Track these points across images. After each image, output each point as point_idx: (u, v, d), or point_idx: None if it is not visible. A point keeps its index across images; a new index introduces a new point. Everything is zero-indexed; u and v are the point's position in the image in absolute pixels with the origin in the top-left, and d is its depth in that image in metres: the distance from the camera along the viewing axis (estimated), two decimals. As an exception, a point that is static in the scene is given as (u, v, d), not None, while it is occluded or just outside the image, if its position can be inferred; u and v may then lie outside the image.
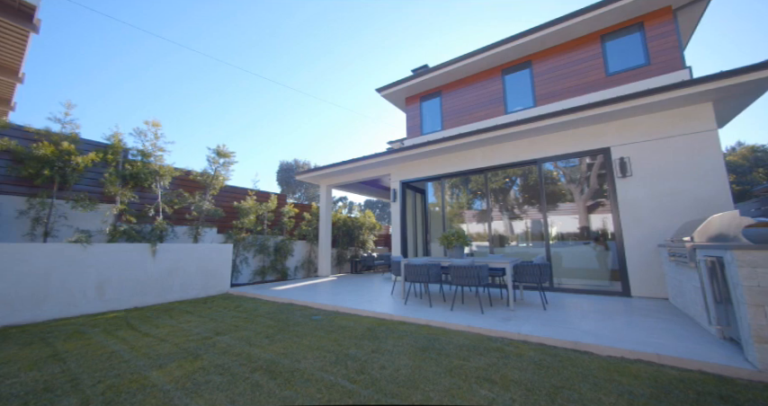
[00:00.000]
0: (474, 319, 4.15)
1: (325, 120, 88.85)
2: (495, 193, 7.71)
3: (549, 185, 6.77)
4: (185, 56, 66.07)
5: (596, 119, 5.90)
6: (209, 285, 7.02)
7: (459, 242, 5.53)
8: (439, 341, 3.41)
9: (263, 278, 9.05)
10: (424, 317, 4.30)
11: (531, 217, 7.27)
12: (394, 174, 8.95)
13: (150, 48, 54.37)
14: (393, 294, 6.27)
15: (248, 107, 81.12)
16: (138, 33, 51.55)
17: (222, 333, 3.88)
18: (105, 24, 47.48)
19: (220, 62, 49.65)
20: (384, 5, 51.48)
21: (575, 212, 6.61)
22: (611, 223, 6.02)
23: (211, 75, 79.18)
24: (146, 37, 53.91)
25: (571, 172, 6.71)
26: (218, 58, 37.61)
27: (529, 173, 7.42)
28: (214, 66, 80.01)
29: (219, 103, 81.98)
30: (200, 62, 78.43)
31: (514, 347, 3.20)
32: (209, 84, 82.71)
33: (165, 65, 69.86)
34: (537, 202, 6.99)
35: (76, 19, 46.75)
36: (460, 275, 4.68)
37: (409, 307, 4.97)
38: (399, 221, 8.67)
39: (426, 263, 5.14)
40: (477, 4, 59.29)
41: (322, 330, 3.94)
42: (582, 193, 6.59)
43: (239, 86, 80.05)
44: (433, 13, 63.83)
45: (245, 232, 8.74)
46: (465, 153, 7.71)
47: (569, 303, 5.11)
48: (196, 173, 7.68)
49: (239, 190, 9.13)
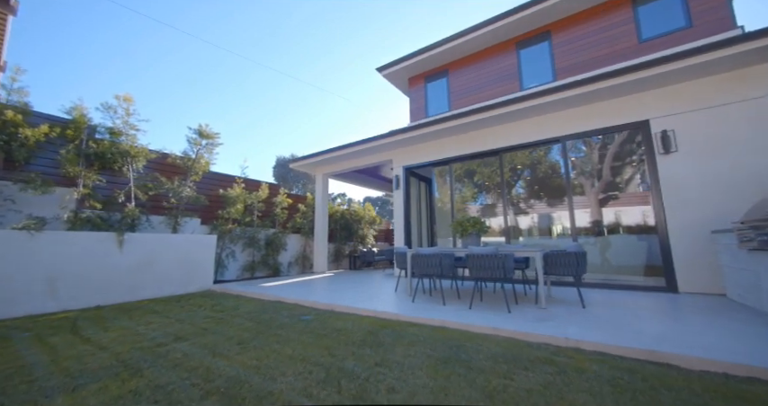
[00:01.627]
0: (501, 319, 3.33)
1: (326, 120, 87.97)
2: (506, 185, 6.88)
3: (555, 178, 5.95)
4: (185, 56, 65.26)
5: (632, 88, 5.08)
6: (189, 281, 6.19)
7: (475, 228, 4.71)
8: (463, 349, 2.59)
9: (253, 274, 8.22)
10: (438, 317, 3.49)
11: (547, 209, 6.45)
12: (396, 159, 8.13)
13: (150, 48, 53.46)
14: (397, 291, 5.45)
15: (248, 107, 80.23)
16: (139, 33, 50.70)
17: (183, 338, 3.05)
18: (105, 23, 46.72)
19: (231, 53, 48.66)
20: (383, 5, 50.59)
21: (601, 202, 5.80)
22: (631, 213, 5.21)
23: (211, 76, 78.17)
24: (146, 36, 53.06)
25: (588, 158, 5.89)
26: (228, 50, 36.65)
27: (538, 163, 6.62)
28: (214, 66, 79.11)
29: (219, 103, 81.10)
30: (201, 62, 77.49)
31: (567, 357, 2.38)
32: (209, 84, 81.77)
33: (164, 65, 69.13)
34: (547, 194, 6.18)
35: (78, 19, 45.95)
36: (481, 266, 3.86)
37: (418, 305, 4.15)
38: (403, 210, 7.84)
39: (438, 253, 4.32)
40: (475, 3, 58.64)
41: (311, 334, 3.12)
42: (612, 178, 5.78)
43: (239, 86, 79.02)
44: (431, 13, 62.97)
45: (232, 223, 7.90)
46: (476, 133, 6.88)
47: (609, 300, 4.30)
48: (175, 157, 6.84)
49: (226, 177, 8.29)
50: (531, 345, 2.68)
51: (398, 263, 5.52)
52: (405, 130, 7.21)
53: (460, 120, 6.43)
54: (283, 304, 4.70)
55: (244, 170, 8.35)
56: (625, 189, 5.76)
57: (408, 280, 5.03)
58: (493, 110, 6.03)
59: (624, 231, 5.59)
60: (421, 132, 7.02)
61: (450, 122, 6.58)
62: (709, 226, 4.50)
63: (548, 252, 4.10)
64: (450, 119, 6.54)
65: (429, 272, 4.38)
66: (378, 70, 9.40)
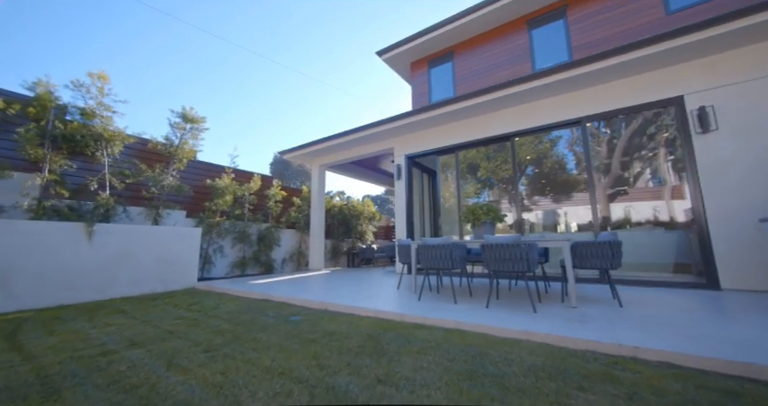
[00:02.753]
0: (529, 321, 2.76)
1: (327, 119, 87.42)
2: (505, 181, 6.32)
3: (564, 170, 5.39)
4: (185, 56, 64.60)
5: (664, 59, 4.52)
6: (170, 278, 5.61)
7: (489, 216, 4.14)
8: (490, 359, 2.02)
9: (243, 271, 7.64)
10: (452, 317, 2.91)
11: (561, 202, 5.89)
12: (398, 148, 7.55)
13: (150, 48, 52.89)
14: (400, 288, 4.88)
15: (249, 107, 79.64)
16: (139, 33, 50.10)
17: (140, 344, 2.47)
18: (105, 23, 46.00)
19: (239, 48, 48.24)
20: (382, 5, 49.87)
21: (610, 197, 5.24)
22: (654, 205, 4.66)
23: (210, 76, 77.56)
24: (147, 36, 52.45)
25: (606, 143, 5.32)
26: (236, 44, 36.56)
27: (544, 157, 6.08)
28: (213, 66, 78.55)
29: (219, 103, 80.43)
30: (200, 62, 76.85)
31: (630, 370, 1.81)
32: (209, 84, 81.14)
33: (164, 64, 68.44)
34: (560, 185, 5.62)
35: (77, 19, 45.28)
36: (500, 257, 3.29)
37: (425, 304, 3.58)
38: (405, 201, 7.27)
39: (447, 244, 3.74)
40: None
41: (298, 339, 2.55)
42: (625, 168, 5.22)
43: (239, 86, 78.40)
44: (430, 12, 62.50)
45: (220, 216, 7.32)
46: (485, 117, 6.31)
47: (645, 298, 3.73)
48: (156, 142, 6.25)
49: (214, 167, 7.71)
50: (574, 353, 2.10)
51: (401, 257, 4.96)
52: (407, 115, 6.64)
53: (468, 102, 5.86)
54: (271, 303, 4.12)
55: (234, 159, 7.78)
56: (645, 179, 5.20)
57: (413, 276, 4.46)
58: (504, 90, 5.46)
59: (650, 223, 5.03)
60: (425, 116, 6.45)
61: (457, 104, 6.01)
62: (756, 214, 3.93)
63: (577, 242, 3.53)
64: (456, 100, 5.97)
65: (437, 266, 3.81)
66: (378, 54, 8.83)
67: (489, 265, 3.40)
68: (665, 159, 5.03)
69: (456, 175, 6.86)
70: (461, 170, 7.12)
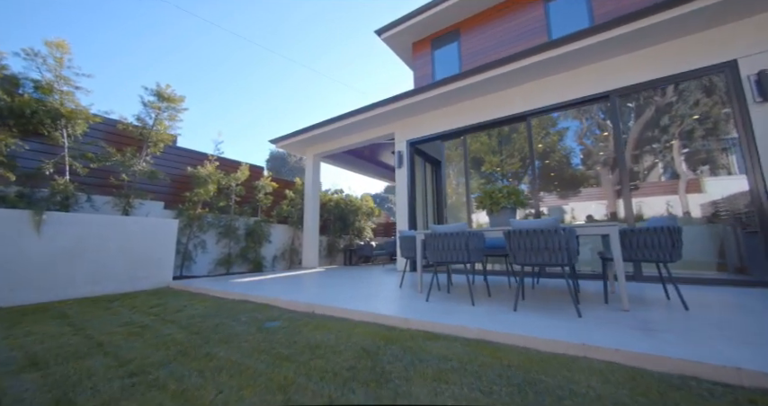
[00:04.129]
0: (579, 329, 2.06)
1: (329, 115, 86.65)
2: (512, 176, 5.63)
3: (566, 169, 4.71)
4: (185, 56, 63.95)
5: (713, 17, 3.84)
6: (140, 275, 4.91)
7: (510, 201, 3.44)
8: (546, 389, 1.33)
9: (228, 269, 6.92)
10: (474, 323, 2.21)
11: (573, 197, 5.21)
12: (399, 133, 6.86)
13: (150, 48, 52.27)
14: (403, 287, 4.18)
15: (249, 106, 78.93)
16: (139, 33, 49.53)
17: (40, 365, 1.77)
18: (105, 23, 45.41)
19: (249, 42, 47.98)
20: (381, 5, 49.26)
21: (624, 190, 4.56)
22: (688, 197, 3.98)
23: (210, 75, 76.90)
24: (147, 36, 51.84)
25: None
26: (246, 39, 36.28)
27: (551, 152, 5.44)
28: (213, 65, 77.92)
29: (219, 103, 79.79)
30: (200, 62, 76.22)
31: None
32: (209, 84, 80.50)
33: (164, 64, 67.79)
34: (563, 183, 4.95)
35: (77, 19, 44.63)
36: (533, 247, 2.59)
37: (436, 306, 2.88)
38: (407, 191, 6.57)
39: (463, 231, 3.04)
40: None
41: (266, 356, 1.85)
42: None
43: (240, 84, 77.74)
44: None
45: (203, 207, 6.61)
46: (497, 95, 5.63)
47: (707, 299, 3.04)
48: (127, 123, 5.54)
49: (195, 154, 6.99)
50: (662, 378, 1.41)
51: (404, 251, 4.26)
52: (409, 94, 5.95)
53: (478, 76, 5.17)
54: (248, 305, 3.42)
55: (218, 145, 7.05)
56: (677, 166, 4.52)
57: (419, 273, 3.76)
58: (520, 61, 4.78)
59: (690, 216, 4.35)
60: (429, 95, 5.76)
61: (465, 80, 5.32)
62: (834, 196, 3.25)
63: (627, 228, 2.83)
64: (465, 76, 5.28)
65: (449, 259, 3.11)
66: (377, 33, 8.12)
67: (516, 257, 2.71)
68: (710, 140, 4.34)
69: (464, 162, 6.16)
70: (460, 169, 6.48)
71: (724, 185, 4.13)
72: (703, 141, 4.33)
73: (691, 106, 4.42)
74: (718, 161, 4.28)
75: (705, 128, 4.32)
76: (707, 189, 4.30)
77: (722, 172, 4.28)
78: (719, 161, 4.27)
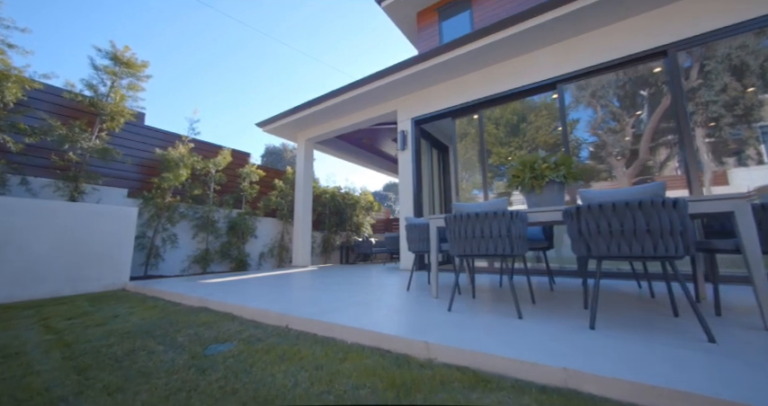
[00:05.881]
0: (729, 369, 1.14)
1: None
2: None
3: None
4: (185, 55, 62.96)
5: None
6: (85, 276, 3.97)
7: (557, 173, 2.52)
8: None
9: (205, 267, 5.98)
10: (548, 359, 1.29)
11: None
12: (402, 110, 5.94)
13: (150, 47, 51.44)
14: (411, 290, 3.26)
15: (250, 105, 77.94)
16: (140, 32, 48.59)
17: None
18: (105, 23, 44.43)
19: (262, 34, 47.16)
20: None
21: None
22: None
23: (210, 74, 75.85)
24: (148, 36, 50.75)
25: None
26: (260, 31, 35.27)
27: (560, 145, 4.50)
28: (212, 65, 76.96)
29: (220, 102, 78.87)
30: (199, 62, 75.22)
31: None
32: (209, 84, 79.54)
33: (165, 64, 66.75)
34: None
35: (74, 20, 43.54)
36: (624, 229, 1.66)
37: (464, 319, 1.95)
38: (412, 175, 5.66)
39: (502, 212, 2.11)
40: None
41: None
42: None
43: (240, 84, 76.79)
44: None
45: (173, 196, 5.66)
46: (519, 60, 4.71)
47: None
48: (76, 93, 4.59)
49: (167, 135, 6.03)
50: None
51: (412, 244, 3.33)
52: (414, 61, 5.03)
53: (499, 34, 4.26)
54: (202, 316, 2.49)
55: (193, 124, 6.08)
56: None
57: (433, 272, 2.84)
58: (553, 10, 3.87)
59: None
60: (438, 61, 4.84)
61: (482, 40, 4.41)
62: None
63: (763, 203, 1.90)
64: (480, 34, 4.37)
65: (484, 250, 2.17)
66: (377, 1, 7.19)
67: (593, 246, 1.78)
68: None
69: (480, 141, 5.23)
70: (468, 159, 5.59)
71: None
72: (732, 129, 3.53)
73: (717, 91, 3.60)
74: (749, 150, 3.48)
75: (734, 115, 3.48)
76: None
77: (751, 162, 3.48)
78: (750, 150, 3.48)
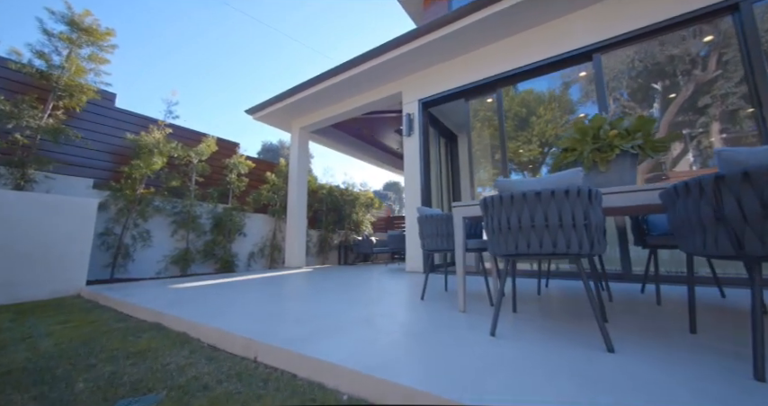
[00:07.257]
0: None
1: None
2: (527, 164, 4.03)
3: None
4: (186, 55, 62.39)
5: None
6: (28, 280, 3.28)
7: (633, 142, 1.83)
8: None
9: (185, 269, 5.27)
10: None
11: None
12: (408, 91, 5.25)
13: (151, 47, 50.81)
14: (427, 299, 2.57)
15: (250, 104, 77.65)
16: (139, 32, 47.99)
17: None
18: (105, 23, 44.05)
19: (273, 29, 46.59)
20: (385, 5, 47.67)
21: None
22: None
23: (210, 74, 75.25)
24: (147, 36, 50.10)
25: None
26: (268, 25, 34.54)
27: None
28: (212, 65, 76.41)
29: (219, 102, 78.35)
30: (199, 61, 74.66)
31: None
32: (210, 83, 78.99)
33: (164, 64, 66.16)
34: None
35: None
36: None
37: (526, 355, 1.26)
38: (419, 163, 4.98)
39: (576, 190, 1.41)
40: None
41: None
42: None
43: (238, 84, 76.24)
44: None
45: (147, 188, 4.96)
46: (546, 27, 4.03)
47: None
48: (22, 64, 3.88)
49: (142, 119, 5.32)
50: None
51: (427, 240, 2.62)
52: (421, 32, 4.35)
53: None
54: (143, 340, 1.80)
55: (171, 107, 5.36)
56: None
57: (459, 278, 2.14)
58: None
59: None
60: (449, 30, 4.16)
61: (500, 3, 3.73)
62: None
63: None
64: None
65: (545, 248, 1.47)
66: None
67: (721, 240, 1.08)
68: None
69: (500, 122, 4.54)
70: (474, 153, 4.96)
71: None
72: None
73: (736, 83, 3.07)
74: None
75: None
76: None
77: None
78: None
